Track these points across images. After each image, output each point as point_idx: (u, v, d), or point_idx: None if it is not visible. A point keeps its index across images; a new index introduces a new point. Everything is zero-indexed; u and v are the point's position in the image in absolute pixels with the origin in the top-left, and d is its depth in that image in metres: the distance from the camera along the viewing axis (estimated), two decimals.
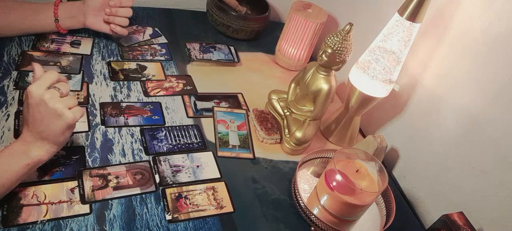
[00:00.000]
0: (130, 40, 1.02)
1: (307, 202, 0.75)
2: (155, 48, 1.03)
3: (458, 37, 0.79)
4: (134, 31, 1.06)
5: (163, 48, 1.05)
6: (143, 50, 1.02)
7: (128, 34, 0.98)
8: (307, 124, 0.86)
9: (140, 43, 1.03)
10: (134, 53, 1.00)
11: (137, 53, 1.00)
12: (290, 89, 0.93)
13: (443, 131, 0.83)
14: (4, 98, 0.78)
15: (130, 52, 1.00)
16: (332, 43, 0.78)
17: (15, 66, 0.85)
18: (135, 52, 1.00)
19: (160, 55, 1.02)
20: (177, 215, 0.69)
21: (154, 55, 1.01)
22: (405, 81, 0.91)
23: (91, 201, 0.67)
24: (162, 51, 1.03)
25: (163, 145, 0.80)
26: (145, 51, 1.02)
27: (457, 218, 0.70)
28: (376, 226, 0.78)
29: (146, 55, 1.00)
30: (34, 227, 0.61)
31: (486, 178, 0.75)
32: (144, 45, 1.03)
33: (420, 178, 0.89)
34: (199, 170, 0.78)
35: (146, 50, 1.02)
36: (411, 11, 0.74)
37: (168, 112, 0.88)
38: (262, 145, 0.88)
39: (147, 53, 1.01)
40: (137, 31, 1.06)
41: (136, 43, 1.02)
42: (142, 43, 1.04)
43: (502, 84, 0.71)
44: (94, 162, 0.73)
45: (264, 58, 1.16)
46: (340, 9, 1.17)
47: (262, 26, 1.17)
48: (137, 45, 1.02)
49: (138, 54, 1.00)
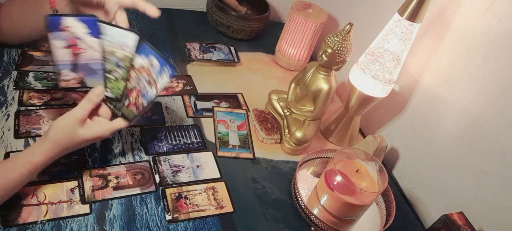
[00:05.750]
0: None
1: (307, 202, 0.75)
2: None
3: (458, 37, 0.79)
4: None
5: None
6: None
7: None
8: (307, 124, 0.86)
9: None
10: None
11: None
12: (290, 89, 0.93)
13: (443, 131, 0.83)
14: (4, 98, 0.78)
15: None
16: (332, 43, 0.78)
17: (15, 66, 0.85)
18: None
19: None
20: (177, 215, 0.69)
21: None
22: (405, 81, 0.91)
23: (91, 201, 0.67)
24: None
25: (163, 145, 0.80)
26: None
27: (457, 218, 0.70)
28: (376, 226, 0.78)
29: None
30: (34, 227, 0.61)
31: (486, 178, 0.75)
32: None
33: (420, 178, 0.89)
34: (199, 170, 0.78)
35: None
36: (411, 11, 0.74)
37: (168, 112, 0.88)
38: (262, 145, 0.88)
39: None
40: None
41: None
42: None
43: (502, 84, 0.71)
44: (94, 162, 0.73)
45: (264, 58, 1.16)
46: (340, 9, 1.17)
47: (262, 26, 1.17)
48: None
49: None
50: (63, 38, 0.62)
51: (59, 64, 0.63)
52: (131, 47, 0.65)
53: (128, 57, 0.65)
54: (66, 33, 0.61)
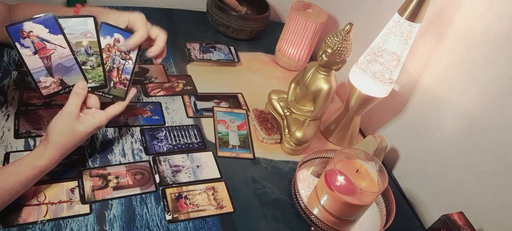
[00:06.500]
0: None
1: (307, 202, 0.75)
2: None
3: (458, 37, 0.79)
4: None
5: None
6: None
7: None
8: (307, 124, 0.86)
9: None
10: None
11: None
12: (290, 89, 0.93)
13: (443, 131, 0.83)
14: (4, 98, 0.78)
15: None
16: (332, 43, 0.78)
17: (15, 66, 0.85)
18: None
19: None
20: (177, 215, 0.69)
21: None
22: (405, 81, 0.91)
23: (91, 201, 0.67)
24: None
25: (163, 145, 0.80)
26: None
27: (457, 218, 0.70)
28: (376, 226, 0.78)
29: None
30: (34, 227, 0.61)
31: (486, 178, 0.75)
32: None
33: (420, 178, 0.89)
34: (199, 170, 0.78)
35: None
36: (411, 11, 0.74)
37: (168, 112, 0.88)
38: (262, 145, 0.88)
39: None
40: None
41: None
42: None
43: (502, 85, 0.71)
44: (94, 162, 0.73)
45: (264, 58, 1.16)
46: (340, 9, 1.17)
47: (262, 26, 1.17)
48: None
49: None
50: (29, 44, 0.62)
51: (34, 73, 0.64)
52: (93, 32, 0.67)
53: (94, 42, 0.68)
54: (31, 38, 0.62)
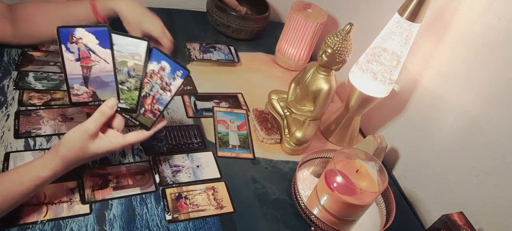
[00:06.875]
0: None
1: (307, 202, 0.75)
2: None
3: (458, 37, 0.79)
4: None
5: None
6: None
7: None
8: (307, 124, 0.86)
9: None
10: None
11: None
12: (290, 89, 0.93)
13: (443, 131, 0.83)
14: (4, 98, 0.78)
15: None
16: (332, 43, 0.78)
17: (15, 66, 0.85)
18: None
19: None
20: (177, 215, 0.69)
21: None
22: (405, 81, 0.91)
23: (91, 201, 0.67)
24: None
25: (163, 145, 0.80)
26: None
27: (457, 218, 0.70)
28: (376, 226, 0.78)
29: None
30: (34, 227, 0.61)
31: (486, 178, 0.75)
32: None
33: (420, 178, 0.89)
34: (199, 170, 0.78)
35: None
36: (411, 11, 0.74)
37: (168, 112, 0.88)
38: (262, 145, 0.88)
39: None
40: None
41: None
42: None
43: (502, 85, 0.71)
44: (94, 162, 0.73)
45: (264, 58, 1.16)
46: (340, 9, 1.17)
47: (262, 26, 1.17)
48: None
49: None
50: (74, 50, 0.61)
51: (70, 78, 0.62)
52: (142, 55, 0.64)
53: (139, 65, 0.64)
54: (78, 45, 0.61)
